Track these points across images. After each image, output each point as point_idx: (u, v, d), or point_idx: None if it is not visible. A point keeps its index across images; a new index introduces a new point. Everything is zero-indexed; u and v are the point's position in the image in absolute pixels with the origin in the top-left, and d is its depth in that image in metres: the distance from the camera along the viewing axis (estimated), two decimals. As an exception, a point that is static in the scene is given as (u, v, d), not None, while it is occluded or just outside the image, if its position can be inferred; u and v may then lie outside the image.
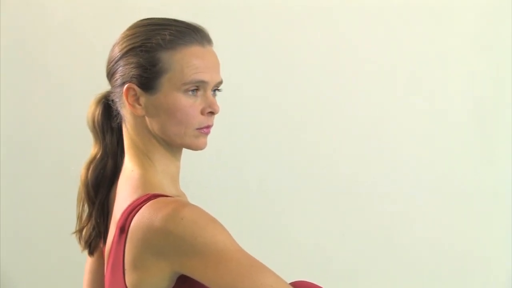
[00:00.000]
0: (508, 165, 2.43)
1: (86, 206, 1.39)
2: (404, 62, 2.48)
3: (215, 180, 2.55)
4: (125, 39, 1.33)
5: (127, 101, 1.31)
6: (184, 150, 1.37)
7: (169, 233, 1.18)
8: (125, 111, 1.34)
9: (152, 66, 1.29)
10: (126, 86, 1.31)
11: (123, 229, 1.25)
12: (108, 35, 1.47)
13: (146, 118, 1.32)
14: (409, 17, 2.46)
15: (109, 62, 1.35)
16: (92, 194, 1.38)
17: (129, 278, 1.23)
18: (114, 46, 1.35)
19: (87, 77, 2.48)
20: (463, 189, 2.46)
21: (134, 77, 1.30)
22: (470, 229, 2.47)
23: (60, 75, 2.64)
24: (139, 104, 1.31)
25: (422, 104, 2.47)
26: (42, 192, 2.67)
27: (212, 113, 1.33)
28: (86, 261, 1.48)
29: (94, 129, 1.39)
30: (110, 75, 1.35)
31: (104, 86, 1.39)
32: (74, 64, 2.60)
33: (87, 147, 1.43)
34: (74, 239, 1.43)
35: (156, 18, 1.35)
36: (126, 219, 1.25)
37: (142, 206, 1.24)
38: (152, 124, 1.31)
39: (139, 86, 1.30)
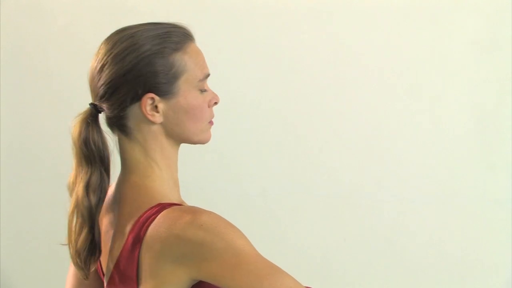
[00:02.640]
0: (509, 169, 2.42)
1: (83, 229, 1.32)
2: (404, 67, 2.47)
3: (217, 187, 2.55)
4: (125, 52, 1.29)
5: (145, 111, 1.29)
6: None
7: (189, 240, 1.18)
8: (136, 124, 1.31)
9: (169, 70, 1.28)
10: (145, 97, 1.28)
11: (137, 241, 1.24)
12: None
13: (163, 124, 1.31)
14: (410, 22, 2.46)
15: (108, 81, 1.29)
16: (94, 216, 1.32)
17: None
18: (105, 64, 1.29)
19: (87, 81, 2.47)
20: (464, 194, 2.46)
21: (152, 86, 1.28)
22: (471, 235, 2.47)
23: (61, 79, 2.64)
24: (157, 112, 1.29)
25: (422, 109, 2.47)
26: (42, 194, 2.67)
27: (215, 103, 1.36)
28: (69, 269, 1.47)
29: (89, 151, 1.30)
30: (110, 92, 1.29)
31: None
32: (75, 68, 2.60)
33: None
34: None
35: (144, 24, 1.33)
36: (139, 230, 1.24)
37: (156, 216, 1.23)
38: (172, 128, 1.31)
39: (157, 94, 1.28)
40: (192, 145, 1.39)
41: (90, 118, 1.32)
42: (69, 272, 1.48)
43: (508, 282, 2.44)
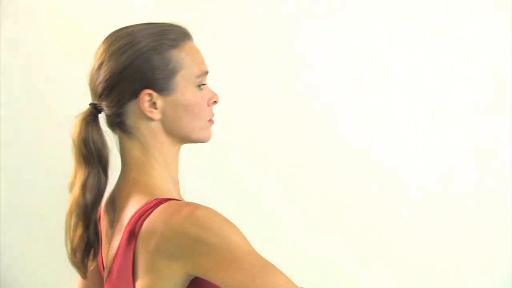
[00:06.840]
0: (509, 169, 2.42)
1: (78, 228, 1.33)
2: (404, 67, 2.47)
3: (216, 187, 2.54)
4: (122, 49, 1.30)
5: (143, 107, 1.30)
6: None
7: (184, 235, 1.18)
8: (134, 121, 1.32)
9: (166, 66, 1.29)
10: (142, 93, 1.29)
11: (132, 235, 1.24)
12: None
13: (162, 121, 1.31)
14: (410, 22, 2.46)
15: (106, 78, 1.30)
16: (90, 215, 1.33)
17: (140, 284, 1.22)
18: (104, 62, 1.31)
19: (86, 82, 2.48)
20: (464, 194, 2.46)
21: (149, 82, 1.29)
22: (471, 235, 2.47)
23: (61, 79, 2.63)
24: (156, 108, 1.31)
25: (422, 109, 2.47)
26: (42, 194, 2.67)
27: (215, 102, 1.36)
28: (75, 279, 1.48)
29: (87, 151, 1.31)
30: (108, 89, 1.31)
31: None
32: (75, 68, 2.60)
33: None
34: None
35: (142, 23, 1.34)
36: (135, 224, 1.24)
37: (152, 211, 1.23)
38: (170, 125, 1.32)
39: (155, 90, 1.29)
40: (192, 144, 1.39)
41: (90, 118, 1.33)
42: (76, 276, 1.48)
43: (508, 282, 2.44)
